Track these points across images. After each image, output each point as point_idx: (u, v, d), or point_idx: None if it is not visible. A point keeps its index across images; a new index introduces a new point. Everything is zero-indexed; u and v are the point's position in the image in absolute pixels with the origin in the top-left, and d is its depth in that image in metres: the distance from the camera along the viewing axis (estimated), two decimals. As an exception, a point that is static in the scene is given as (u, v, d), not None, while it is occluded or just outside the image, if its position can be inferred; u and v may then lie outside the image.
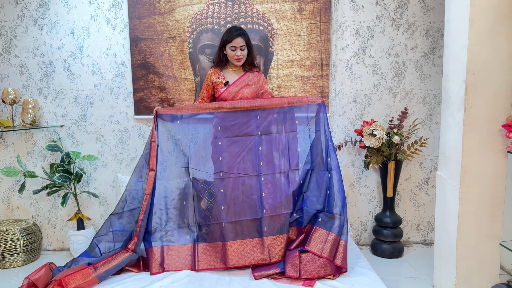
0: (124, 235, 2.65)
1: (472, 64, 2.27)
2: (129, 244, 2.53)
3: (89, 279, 2.27)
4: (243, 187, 2.61)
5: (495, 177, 2.37)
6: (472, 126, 2.32)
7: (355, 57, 3.28)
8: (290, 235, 2.62)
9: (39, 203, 3.37)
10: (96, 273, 2.32)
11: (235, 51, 2.79)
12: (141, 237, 2.54)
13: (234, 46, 2.77)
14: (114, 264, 2.42)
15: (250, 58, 2.87)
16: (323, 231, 2.47)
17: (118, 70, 3.25)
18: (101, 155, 3.33)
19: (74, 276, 2.26)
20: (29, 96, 3.26)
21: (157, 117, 2.65)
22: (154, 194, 2.60)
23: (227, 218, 2.58)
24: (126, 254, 2.48)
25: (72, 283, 2.22)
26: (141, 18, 3.16)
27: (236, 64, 2.85)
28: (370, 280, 2.32)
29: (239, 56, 2.80)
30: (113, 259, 2.45)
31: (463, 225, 2.40)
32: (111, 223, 2.66)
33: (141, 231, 2.53)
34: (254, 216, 2.59)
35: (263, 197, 2.60)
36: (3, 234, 3.03)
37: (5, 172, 3.02)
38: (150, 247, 2.54)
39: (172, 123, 2.68)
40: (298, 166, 2.69)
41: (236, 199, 2.60)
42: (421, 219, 3.48)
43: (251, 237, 2.57)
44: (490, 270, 2.46)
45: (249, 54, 2.85)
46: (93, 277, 2.30)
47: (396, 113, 3.33)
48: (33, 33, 3.21)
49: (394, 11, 3.23)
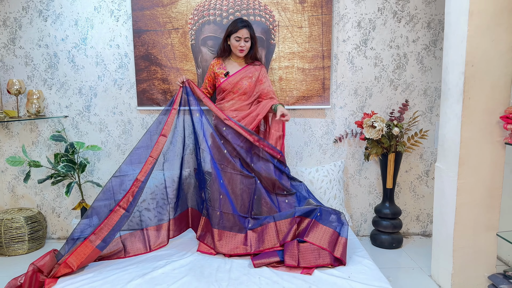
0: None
1: (471, 56, 2.28)
2: (121, 202, 2.44)
3: (91, 252, 2.31)
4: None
5: (492, 168, 2.40)
6: (470, 117, 2.35)
7: (356, 49, 3.29)
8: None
9: (43, 192, 3.43)
10: (95, 244, 2.33)
11: (239, 41, 2.84)
12: (137, 197, 2.49)
13: (238, 36, 2.83)
14: (110, 228, 2.38)
15: (253, 51, 2.92)
16: (323, 227, 2.53)
17: (121, 61, 3.29)
18: (105, 146, 3.38)
19: (76, 253, 2.29)
20: (33, 87, 3.30)
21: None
22: (158, 159, 2.64)
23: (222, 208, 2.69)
24: (120, 214, 2.41)
25: (77, 261, 2.27)
26: (144, 9, 3.19)
27: (238, 54, 2.90)
28: (368, 269, 2.35)
29: (242, 47, 2.86)
30: (107, 222, 2.40)
31: (460, 215, 2.44)
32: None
33: (138, 192, 2.48)
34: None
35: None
36: (9, 222, 3.09)
37: (10, 161, 3.07)
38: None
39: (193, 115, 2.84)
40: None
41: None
42: (420, 211, 3.51)
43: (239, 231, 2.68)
44: (487, 260, 2.50)
45: (252, 47, 2.91)
46: (94, 249, 2.32)
47: (397, 106, 3.35)
48: (37, 25, 3.24)
49: (395, 3, 3.24)
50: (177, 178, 2.84)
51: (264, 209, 2.75)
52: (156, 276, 2.29)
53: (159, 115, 2.79)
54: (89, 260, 2.32)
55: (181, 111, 2.84)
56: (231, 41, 2.87)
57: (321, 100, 3.29)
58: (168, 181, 2.81)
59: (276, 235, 2.58)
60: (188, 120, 2.86)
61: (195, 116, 2.84)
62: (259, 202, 2.76)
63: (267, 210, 2.74)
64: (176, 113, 2.78)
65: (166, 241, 2.74)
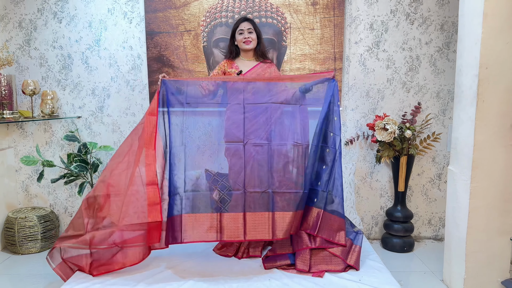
0: None
1: (485, 58, 2.26)
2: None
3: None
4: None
5: (506, 172, 2.37)
6: (484, 120, 2.32)
7: (368, 51, 3.28)
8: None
9: (56, 192, 3.47)
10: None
11: (242, 33, 2.80)
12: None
13: (241, 29, 2.81)
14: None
15: (261, 46, 2.88)
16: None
17: (134, 63, 3.31)
18: (117, 146, 3.39)
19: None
20: (48, 87, 3.35)
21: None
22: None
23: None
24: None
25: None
26: (157, 11, 3.21)
27: (245, 47, 2.81)
28: (379, 272, 2.34)
29: (247, 38, 2.79)
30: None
31: (473, 219, 2.41)
32: None
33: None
34: (265, 188, 2.54)
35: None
36: (22, 221, 3.14)
37: (25, 161, 3.12)
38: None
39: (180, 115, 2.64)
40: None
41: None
42: (432, 215, 3.47)
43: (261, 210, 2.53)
44: (500, 265, 2.46)
45: (259, 42, 2.86)
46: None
47: (409, 108, 3.32)
48: (52, 26, 3.29)
49: (408, 5, 3.22)
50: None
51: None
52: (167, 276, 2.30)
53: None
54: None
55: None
56: (236, 38, 2.84)
57: (333, 102, 3.28)
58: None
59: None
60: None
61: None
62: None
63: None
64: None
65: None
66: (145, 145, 2.41)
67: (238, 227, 2.47)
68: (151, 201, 2.34)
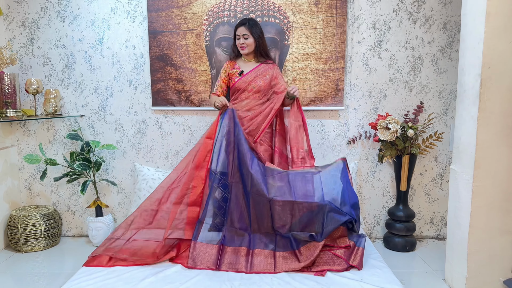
0: None
1: (488, 57, 2.26)
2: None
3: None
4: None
5: (508, 171, 2.37)
6: (486, 120, 2.32)
7: (371, 50, 3.28)
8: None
9: (59, 190, 3.48)
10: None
11: (239, 39, 2.91)
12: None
13: (238, 35, 2.92)
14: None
15: (261, 48, 2.94)
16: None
17: (137, 62, 3.32)
18: (120, 145, 3.42)
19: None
20: (51, 86, 3.36)
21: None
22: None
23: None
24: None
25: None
26: (160, 11, 3.22)
27: (241, 52, 2.96)
28: (381, 271, 2.34)
29: (242, 44, 2.91)
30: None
31: (475, 219, 2.41)
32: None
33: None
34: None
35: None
36: (25, 219, 3.15)
37: (28, 159, 3.13)
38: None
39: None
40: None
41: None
42: (434, 214, 3.47)
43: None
44: (502, 265, 2.46)
45: (257, 44, 2.92)
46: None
47: (411, 107, 3.32)
48: (55, 25, 3.30)
49: (411, 4, 3.22)
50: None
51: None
52: (169, 275, 2.31)
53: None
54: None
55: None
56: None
57: (335, 102, 3.29)
58: None
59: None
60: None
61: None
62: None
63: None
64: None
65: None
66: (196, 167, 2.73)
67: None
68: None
